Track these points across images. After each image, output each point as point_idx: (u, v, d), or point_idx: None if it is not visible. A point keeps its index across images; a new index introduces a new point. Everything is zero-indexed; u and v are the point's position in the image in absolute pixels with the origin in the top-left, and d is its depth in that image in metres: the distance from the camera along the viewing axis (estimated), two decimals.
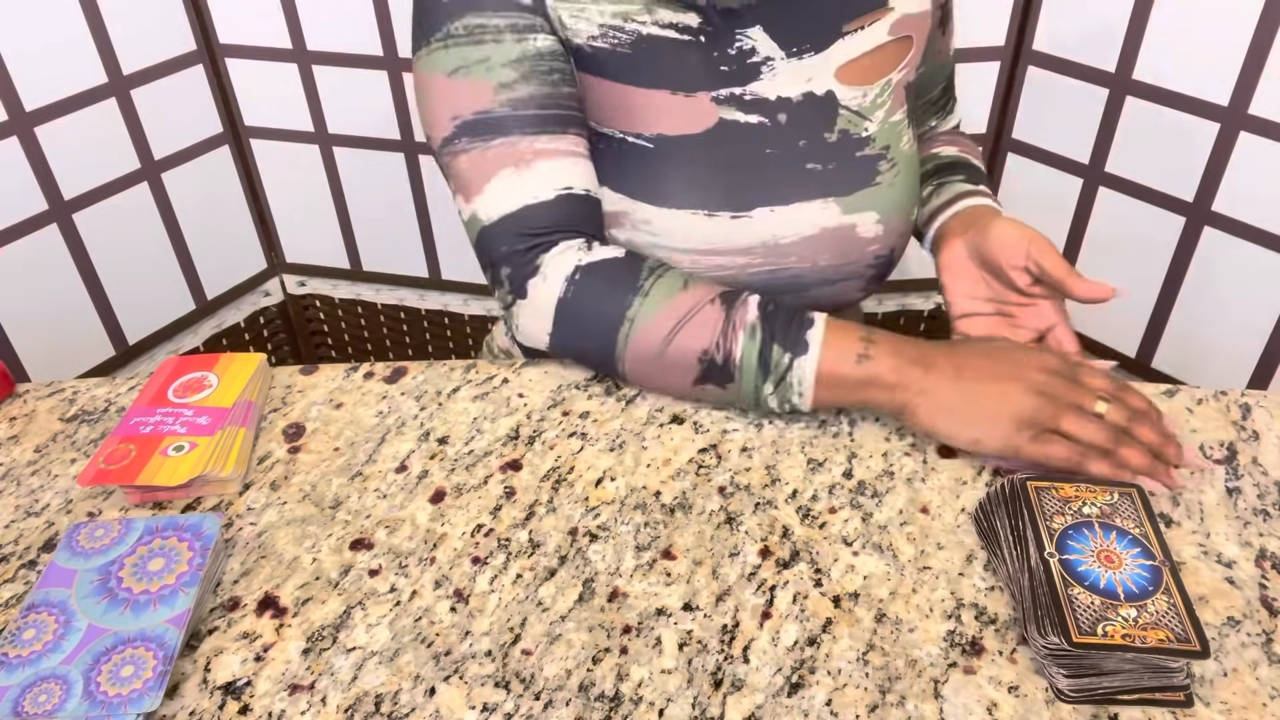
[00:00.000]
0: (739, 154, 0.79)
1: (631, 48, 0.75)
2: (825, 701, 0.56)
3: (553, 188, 0.75)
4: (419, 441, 0.75)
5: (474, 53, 0.74)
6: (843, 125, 0.81)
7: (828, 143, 0.81)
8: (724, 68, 0.77)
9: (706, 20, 0.76)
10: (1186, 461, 0.68)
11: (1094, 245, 1.39)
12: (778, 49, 0.78)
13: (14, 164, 1.26)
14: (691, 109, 0.77)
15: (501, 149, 0.75)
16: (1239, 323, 1.28)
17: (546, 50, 0.75)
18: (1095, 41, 1.27)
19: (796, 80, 0.79)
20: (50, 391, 0.81)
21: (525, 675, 0.58)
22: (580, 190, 0.77)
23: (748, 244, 0.81)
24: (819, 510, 0.68)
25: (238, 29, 1.43)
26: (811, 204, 0.81)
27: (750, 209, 0.80)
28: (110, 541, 0.63)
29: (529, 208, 0.75)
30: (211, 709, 0.56)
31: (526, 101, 0.75)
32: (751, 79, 0.78)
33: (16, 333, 1.33)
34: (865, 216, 0.83)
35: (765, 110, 0.79)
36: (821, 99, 0.80)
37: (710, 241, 0.80)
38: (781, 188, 0.80)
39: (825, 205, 0.81)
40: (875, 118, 0.83)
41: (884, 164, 0.84)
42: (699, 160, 0.79)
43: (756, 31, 0.77)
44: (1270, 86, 1.14)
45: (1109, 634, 0.54)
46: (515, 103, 0.74)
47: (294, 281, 1.68)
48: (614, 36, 0.75)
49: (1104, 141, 1.31)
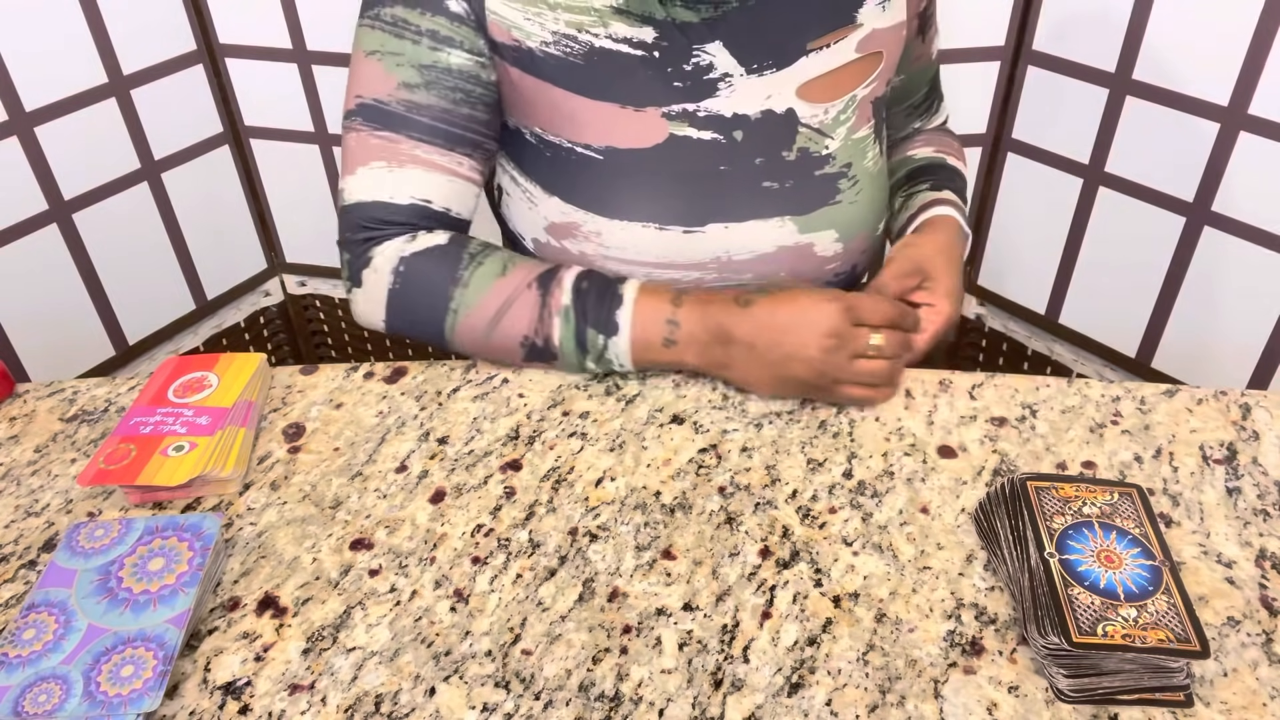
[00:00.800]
0: (691, 170, 0.79)
1: (583, 59, 0.75)
2: (825, 701, 0.56)
3: (410, 195, 0.78)
4: (419, 441, 0.75)
5: (392, 44, 0.76)
6: (802, 143, 0.81)
7: (786, 161, 0.80)
8: (677, 83, 0.76)
9: (663, 35, 0.75)
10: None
11: (1094, 245, 1.39)
12: (737, 65, 0.77)
13: (14, 164, 1.26)
14: (641, 123, 0.77)
15: (384, 142, 0.77)
16: (1239, 323, 1.28)
17: (457, 68, 0.76)
18: (1095, 41, 1.27)
19: (755, 97, 0.78)
20: (50, 391, 0.81)
21: (525, 675, 0.58)
22: (439, 207, 0.79)
23: (701, 259, 0.81)
24: (819, 510, 0.68)
25: (238, 29, 1.43)
26: (767, 222, 0.81)
27: (703, 224, 0.80)
28: (110, 541, 0.63)
29: (380, 204, 0.78)
30: (211, 709, 0.56)
31: (422, 109, 0.76)
32: (707, 95, 0.77)
33: (16, 333, 1.33)
34: (823, 235, 0.83)
35: (720, 127, 0.78)
36: (781, 117, 0.79)
37: (663, 255, 0.80)
38: (736, 205, 0.80)
39: (782, 223, 0.81)
40: (836, 135, 0.82)
41: (845, 182, 0.83)
42: (650, 174, 0.78)
43: (716, 47, 0.76)
44: (1270, 86, 1.14)
45: (1109, 634, 0.54)
46: (411, 105, 0.76)
47: (294, 281, 1.68)
48: (566, 45, 0.75)
49: (1104, 141, 1.31)
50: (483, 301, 0.76)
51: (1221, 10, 1.14)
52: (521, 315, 0.76)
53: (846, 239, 0.84)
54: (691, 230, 0.79)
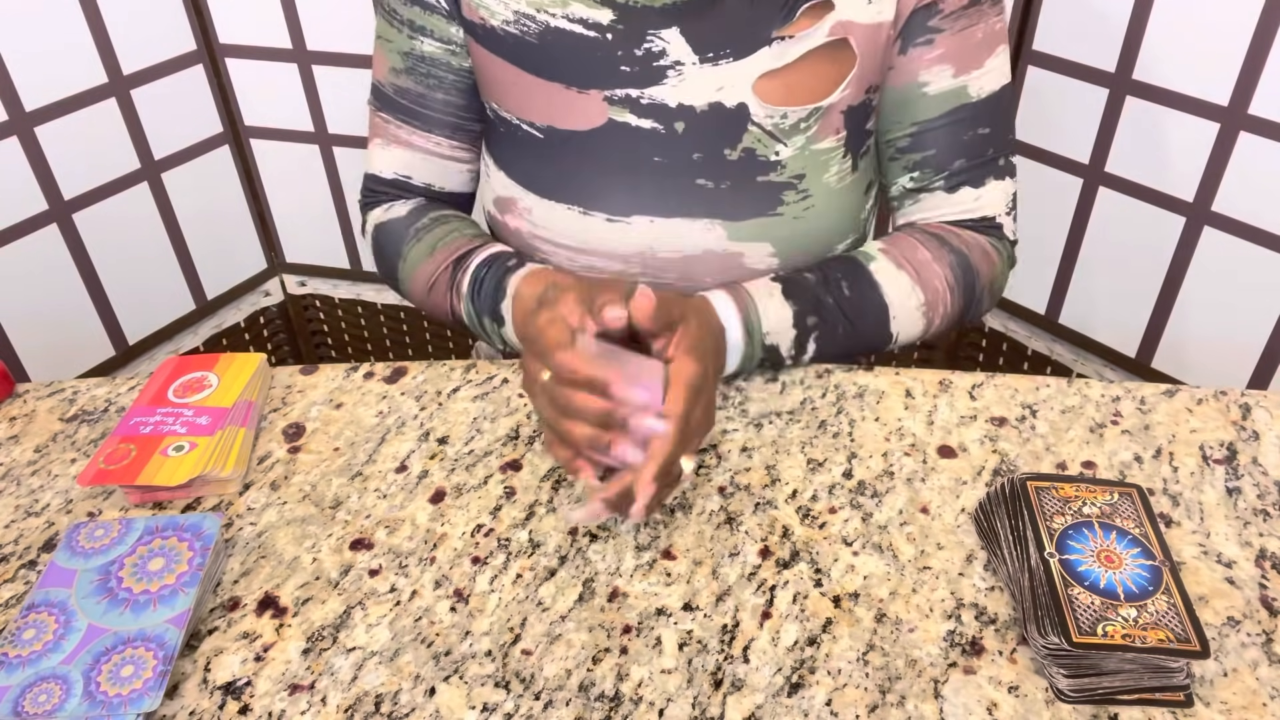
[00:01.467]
0: (624, 157, 0.77)
1: (537, 38, 0.75)
2: (825, 701, 0.56)
3: (394, 170, 0.87)
4: (419, 441, 0.75)
5: (386, 30, 0.83)
6: (749, 144, 0.75)
7: (726, 160, 0.76)
8: (625, 68, 0.74)
9: (620, 18, 0.73)
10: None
11: (1094, 245, 1.39)
12: (691, 53, 0.73)
13: (14, 164, 1.26)
14: (582, 105, 0.76)
15: (381, 121, 0.86)
16: (1239, 323, 1.28)
17: (428, 55, 0.81)
18: (1095, 41, 1.27)
19: (705, 88, 0.74)
20: (50, 391, 0.81)
21: (525, 675, 0.58)
22: (419, 182, 0.87)
23: (624, 251, 0.79)
24: (819, 510, 0.68)
25: (238, 29, 1.42)
26: (695, 222, 0.77)
27: (628, 215, 0.78)
28: (110, 541, 0.63)
29: (374, 176, 0.88)
30: (211, 709, 0.56)
31: (405, 92, 0.83)
32: (653, 82, 0.74)
33: (16, 333, 1.33)
34: (757, 247, 0.78)
35: (661, 116, 0.75)
36: (730, 111, 0.74)
37: (585, 241, 0.80)
38: (664, 199, 0.77)
39: (710, 226, 0.77)
40: (791, 142, 0.76)
41: (791, 194, 0.77)
42: (583, 157, 0.78)
43: (672, 33, 0.73)
44: (1270, 86, 1.14)
45: (1109, 634, 0.54)
46: (397, 89, 0.84)
47: (294, 281, 1.68)
48: (525, 24, 0.76)
49: (1104, 141, 1.31)
50: (415, 276, 0.84)
51: (1221, 10, 1.14)
52: (440, 295, 0.82)
53: (784, 255, 0.78)
54: (615, 219, 0.78)
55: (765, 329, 0.74)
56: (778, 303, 0.74)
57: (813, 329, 0.75)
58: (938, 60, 0.76)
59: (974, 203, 0.81)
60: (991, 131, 0.79)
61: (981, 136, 0.79)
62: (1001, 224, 0.82)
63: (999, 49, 0.78)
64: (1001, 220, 0.82)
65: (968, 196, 0.81)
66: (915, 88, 0.78)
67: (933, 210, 0.82)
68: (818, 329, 0.75)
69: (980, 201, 0.81)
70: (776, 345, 0.75)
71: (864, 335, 0.77)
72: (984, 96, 0.78)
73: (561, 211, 0.79)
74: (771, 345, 0.75)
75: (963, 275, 0.79)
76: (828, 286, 0.76)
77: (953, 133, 0.79)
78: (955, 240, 0.80)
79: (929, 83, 0.77)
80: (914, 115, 0.79)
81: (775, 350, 0.75)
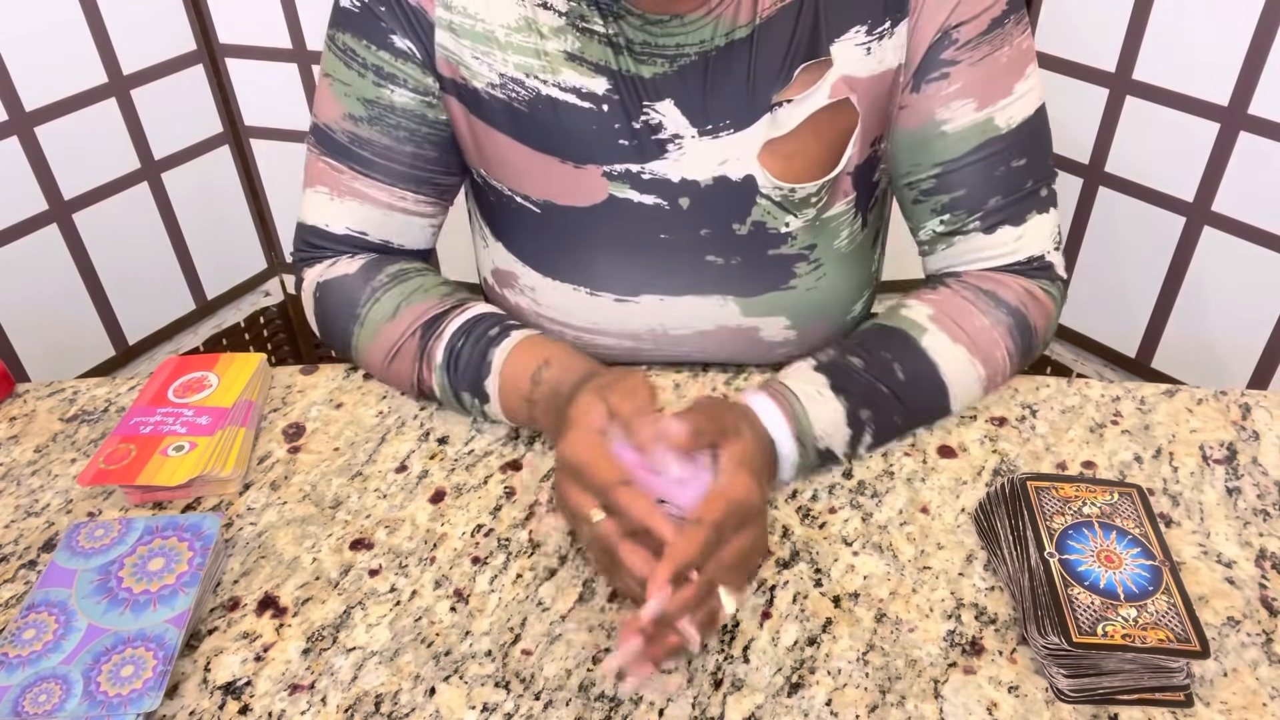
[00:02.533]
0: (629, 235, 0.73)
1: (528, 105, 0.69)
2: (825, 701, 0.56)
3: (345, 225, 0.77)
4: (419, 441, 0.75)
5: (342, 71, 0.73)
6: (758, 217, 0.72)
7: (735, 235, 0.72)
8: (623, 141, 0.69)
9: (616, 88, 0.68)
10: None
11: (1094, 245, 1.39)
12: (689, 126, 0.69)
13: (14, 164, 1.26)
14: (580, 181, 0.71)
15: (328, 168, 0.76)
16: (1239, 323, 1.28)
17: (400, 106, 0.72)
18: (1095, 41, 1.27)
19: (708, 162, 0.70)
20: (50, 391, 0.81)
21: (525, 675, 0.58)
22: (375, 239, 0.77)
23: (634, 330, 0.77)
24: (819, 510, 0.68)
25: (238, 29, 1.42)
26: (706, 299, 0.74)
27: (636, 295, 0.75)
28: (110, 541, 0.63)
29: (317, 230, 0.78)
30: (211, 709, 0.56)
31: (365, 143, 0.73)
32: (654, 157, 0.70)
33: (16, 333, 1.33)
34: (771, 321, 0.76)
35: (664, 192, 0.71)
36: (737, 185, 0.70)
37: (594, 321, 0.77)
38: (674, 277, 0.74)
39: (723, 303, 0.75)
40: (802, 214, 0.72)
41: (803, 265, 0.74)
42: (585, 235, 0.74)
43: (666, 105, 0.68)
44: (1270, 86, 1.14)
45: (1109, 634, 0.54)
46: (354, 138, 0.74)
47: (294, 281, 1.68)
48: (513, 90, 0.69)
49: (1104, 141, 1.31)
50: (376, 344, 0.74)
51: (1221, 10, 1.14)
52: (405, 364, 0.73)
53: (800, 327, 0.77)
54: (624, 299, 0.75)
55: (817, 433, 0.66)
56: (828, 401, 0.66)
57: (867, 423, 0.68)
58: (956, 95, 0.69)
59: (1015, 243, 0.73)
60: (1028, 162, 0.71)
61: (1017, 170, 0.71)
62: (1051, 262, 0.74)
63: (1029, 69, 0.70)
64: (1051, 258, 0.74)
65: (1008, 237, 0.72)
66: (933, 127, 0.70)
67: (970, 255, 0.74)
68: (873, 422, 0.68)
69: (1023, 241, 0.73)
70: (830, 448, 0.67)
71: (920, 418, 0.72)
72: (1015, 125, 0.70)
73: (567, 292, 0.77)
74: (825, 449, 0.67)
75: (1021, 338, 0.72)
76: (879, 371, 0.68)
77: (983, 169, 0.71)
78: (1010, 296, 0.72)
79: (949, 120, 0.70)
80: (935, 156, 0.71)
81: (830, 453, 0.67)
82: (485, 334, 0.70)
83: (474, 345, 0.70)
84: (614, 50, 0.68)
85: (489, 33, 0.69)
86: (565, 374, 0.67)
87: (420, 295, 0.74)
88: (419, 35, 0.70)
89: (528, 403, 0.68)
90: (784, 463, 0.65)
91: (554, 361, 0.67)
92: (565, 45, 0.68)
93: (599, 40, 0.68)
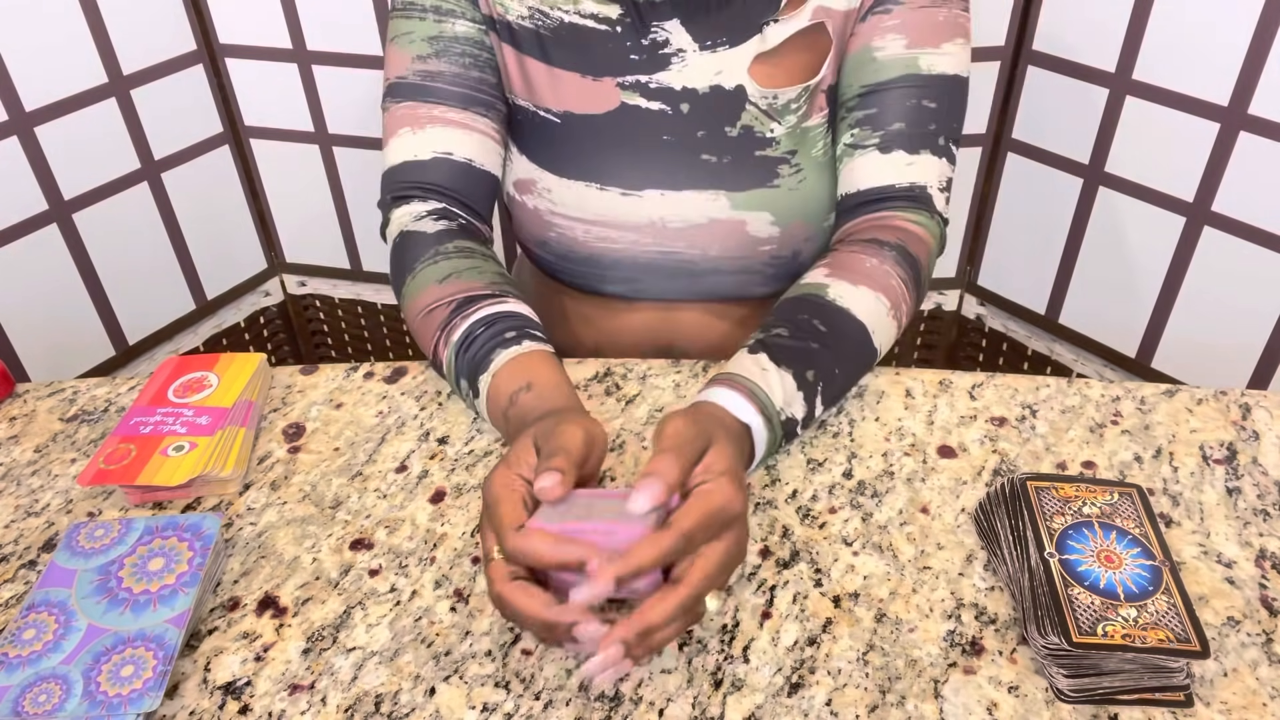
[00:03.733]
0: (636, 137, 0.83)
1: (553, 31, 0.81)
2: (825, 701, 0.56)
3: (432, 150, 0.83)
4: (419, 441, 0.75)
5: (404, 25, 0.83)
6: (747, 121, 0.82)
7: (727, 136, 0.82)
8: (634, 56, 0.81)
9: (627, 12, 0.80)
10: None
11: (1094, 245, 1.39)
12: (691, 41, 0.80)
13: (14, 164, 1.26)
14: (597, 91, 0.82)
15: (406, 110, 0.83)
16: (1239, 323, 1.28)
17: (462, 35, 0.83)
18: (1095, 41, 1.27)
19: (706, 72, 0.81)
20: (50, 391, 0.81)
21: (525, 675, 0.58)
22: (460, 158, 0.84)
23: (637, 222, 0.85)
24: (819, 510, 0.68)
25: (238, 29, 1.42)
26: (702, 194, 0.83)
27: (640, 189, 0.84)
28: (110, 541, 0.63)
29: (407, 164, 0.83)
30: (211, 709, 0.56)
31: (436, 75, 0.83)
32: (660, 69, 0.81)
33: (16, 333, 1.33)
34: (757, 215, 0.84)
35: (668, 99, 0.82)
36: (730, 93, 0.81)
37: (601, 214, 0.85)
38: (674, 174, 0.83)
39: (715, 197, 0.83)
40: (785, 121, 0.82)
41: (785, 168, 0.83)
42: (599, 138, 0.83)
43: (673, 25, 0.80)
44: (1270, 86, 1.14)
45: (1109, 634, 0.54)
46: (425, 74, 0.83)
47: (294, 281, 1.68)
48: (539, 19, 0.81)
49: (1104, 141, 1.31)
50: (417, 299, 0.78)
51: (1221, 10, 1.14)
52: (431, 326, 0.75)
53: (782, 223, 0.84)
54: (629, 193, 0.84)
55: (779, 405, 0.67)
56: (774, 372, 0.68)
57: (815, 383, 0.70)
58: (892, 30, 0.79)
59: (906, 169, 0.80)
60: (937, 108, 0.80)
61: (925, 110, 0.80)
62: (931, 196, 0.81)
63: (960, 40, 0.80)
64: (933, 194, 0.81)
65: (900, 161, 0.80)
66: (867, 51, 0.80)
67: (863, 172, 0.81)
68: (819, 380, 0.70)
69: (912, 169, 0.80)
70: (793, 416, 0.68)
71: (855, 362, 0.74)
72: (934, 73, 0.80)
73: (579, 188, 0.85)
74: (789, 418, 0.68)
75: (909, 267, 0.78)
76: (805, 333, 0.71)
77: (897, 97, 0.80)
78: (888, 236, 0.79)
79: (882, 48, 0.79)
80: (863, 79, 0.81)
81: (793, 421, 0.69)
82: (502, 333, 0.72)
83: (487, 340, 0.72)
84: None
85: None
86: (538, 402, 0.67)
87: (472, 274, 0.77)
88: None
89: (504, 418, 0.70)
90: (757, 443, 0.67)
91: (535, 386, 0.68)
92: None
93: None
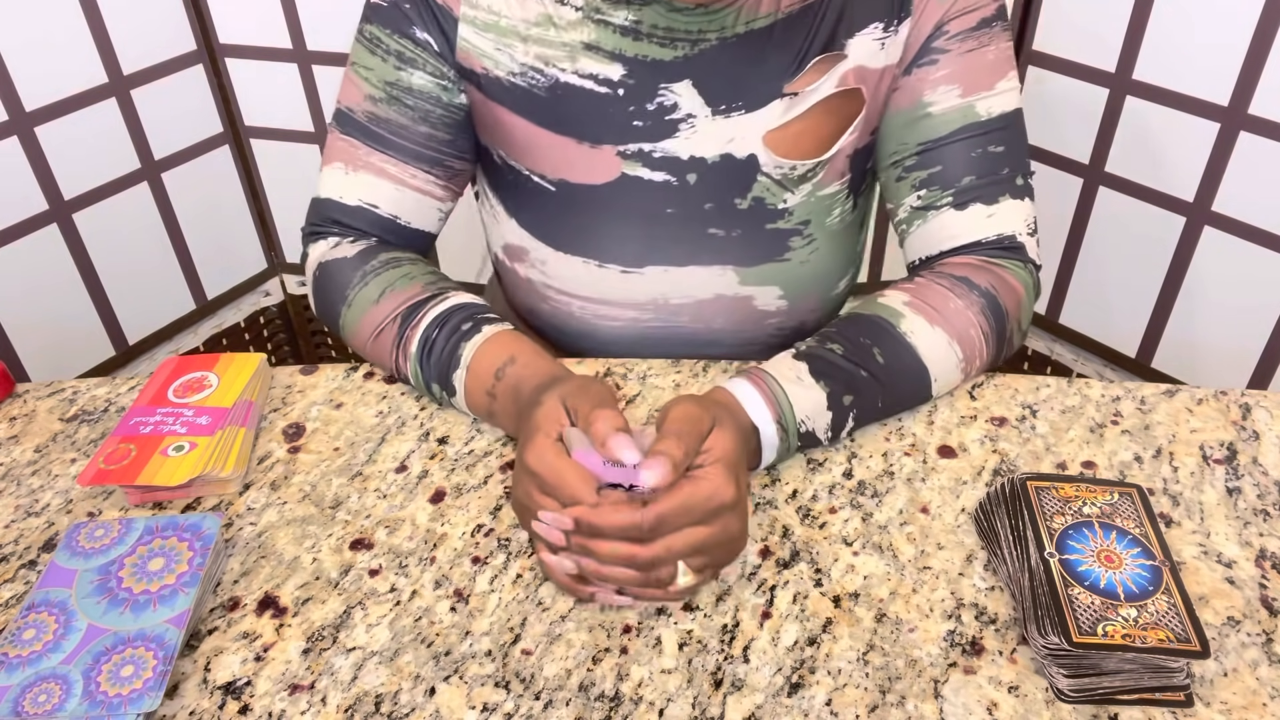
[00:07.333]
0: (638, 210, 0.78)
1: (548, 92, 0.75)
2: (825, 701, 0.56)
3: (358, 197, 0.80)
4: (419, 441, 0.75)
5: (366, 58, 0.78)
6: (758, 193, 0.77)
7: (737, 209, 0.77)
8: (637, 122, 0.75)
9: (631, 73, 0.73)
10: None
11: (1094, 245, 1.39)
12: (704, 105, 0.74)
13: (14, 164, 1.26)
14: (595, 160, 0.76)
15: (346, 145, 0.80)
16: (1239, 323, 1.28)
17: (418, 88, 0.77)
18: (1095, 41, 1.27)
19: (716, 140, 0.75)
20: (50, 391, 0.81)
21: (525, 675, 0.58)
22: (385, 213, 0.80)
23: (637, 299, 0.81)
24: (819, 510, 0.68)
25: (238, 29, 1.43)
26: (708, 269, 0.79)
27: (642, 266, 0.80)
28: (110, 541, 0.63)
29: (332, 202, 0.81)
30: (211, 709, 0.56)
31: (382, 123, 0.78)
32: (666, 135, 0.75)
33: (16, 333, 1.33)
34: (766, 290, 0.81)
35: (674, 169, 0.76)
36: (741, 162, 0.75)
37: (599, 292, 0.81)
38: (678, 249, 0.79)
39: (722, 273, 0.80)
40: (799, 190, 0.77)
41: (798, 239, 0.79)
42: (597, 211, 0.78)
43: (683, 86, 0.73)
44: (1270, 86, 1.14)
45: (1109, 634, 0.54)
46: (372, 117, 0.78)
47: (294, 281, 1.68)
48: (532, 78, 0.75)
49: (1104, 141, 1.31)
50: (361, 324, 0.77)
51: (1221, 10, 1.14)
52: (384, 347, 0.75)
53: (791, 297, 0.81)
54: (630, 271, 0.80)
55: (799, 417, 0.67)
56: (809, 386, 0.67)
57: (850, 408, 0.68)
58: (943, 80, 0.74)
59: (987, 220, 0.75)
60: (1005, 150, 0.75)
61: (994, 155, 0.74)
62: (1023, 244, 0.76)
63: (1010, 73, 0.75)
64: (1023, 240, 0.76)
65: (980, 214, 0.75)
66: (920, 108, 0.75)
67: (943, 233, 0.76)
68: (855, 407, 0.69)
69: (994, 220, 0.75)
70: (813, 431, 0.68)
71: (903, 401, 0.73)
72: (995, 115, 0.74)
73: (577, 265, 0.81)
74: (808, 432, 0.68)
75: (994, 320, 0.73)
76: (859, 357, 0.69)
77: (962, 149, 0.74)
78: (981, 280, 0.74)
79: (934, 102, 0.74)
80: (919, 136, 0.75)
81: (812, 436, 0.68)
82: (459, 328, 0.72)
83: (447, 338, 0.72)
84: (632, 37, 0.73)
85: (511, 27, 0.74)
86: (528, 373, 0.68)
87: (405, 282, 0.76)
88: (442, 29, 0.75)
89: (488, 396, 0.70)
90: (765, 447, 0.67)
91: (519, 359, 0.69)
92: (582, 36, 0.73)
93: (614, 30, 0.73)
